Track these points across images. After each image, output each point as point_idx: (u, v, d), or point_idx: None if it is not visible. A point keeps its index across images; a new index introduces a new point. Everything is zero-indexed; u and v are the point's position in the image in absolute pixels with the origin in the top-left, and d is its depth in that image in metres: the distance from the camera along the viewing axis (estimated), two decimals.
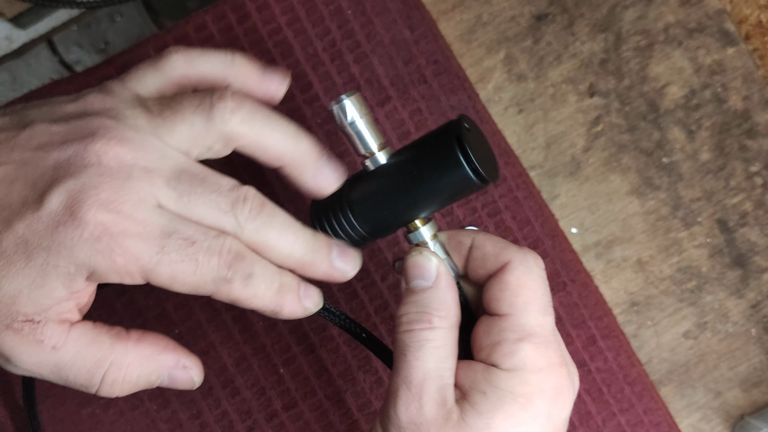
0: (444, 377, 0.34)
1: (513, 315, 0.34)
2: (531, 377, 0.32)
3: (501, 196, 0.55)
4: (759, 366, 0.57)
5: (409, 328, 0.35)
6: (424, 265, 0.36)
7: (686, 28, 0.58)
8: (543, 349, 0.33)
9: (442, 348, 0.34)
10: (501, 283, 0.35)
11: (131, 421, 0.54)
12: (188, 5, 0.61)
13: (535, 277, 0.35)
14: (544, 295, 0.34)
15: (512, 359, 0.33)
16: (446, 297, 0.35)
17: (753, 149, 0.58)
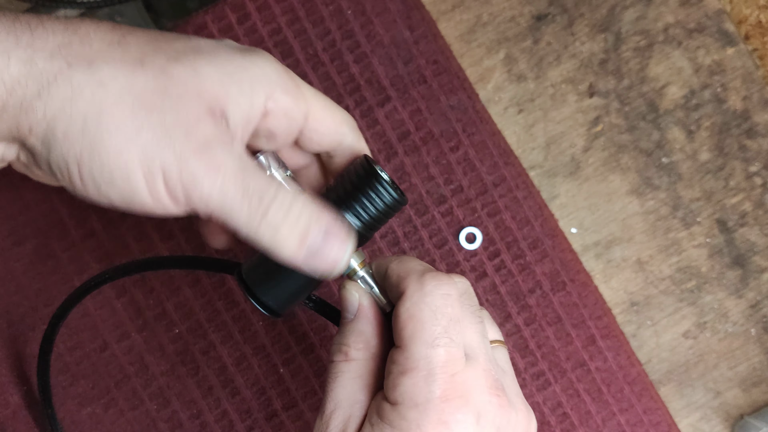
0: (353, 408, 0.34)
1: (400, 347, 0.33)
2: (408, 412, 0.32)
3: (501, 196, 0.55)
4: (759, 366, 0.58)
5: (330, 359, 0.35)
6: (347, 298, 0.36)
7: (686, 29, 0.58)
8: (423, 384, 0.32)
9: (356, 380, 0.34)
10: (395, 315, 0.34)
11: (131, 421, 0.54)
12: (188, 5, 0.61)
13: (426, 308, 0.33)
14: (434, 326, 0.32)
15: (394, 393, 0.32)
16: (365, 329, 0.35)
17: (753, 149, 0.58)
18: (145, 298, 0.54)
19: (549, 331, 0.55)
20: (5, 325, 0.54)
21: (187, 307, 0.54)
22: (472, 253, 0.55)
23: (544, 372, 0.55)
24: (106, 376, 0.54)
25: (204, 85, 0.30)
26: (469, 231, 0.55)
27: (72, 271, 0.54)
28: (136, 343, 0.54)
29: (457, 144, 0.55)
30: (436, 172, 0.55)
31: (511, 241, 0.55)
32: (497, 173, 0.55)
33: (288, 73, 0.34)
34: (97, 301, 0.54)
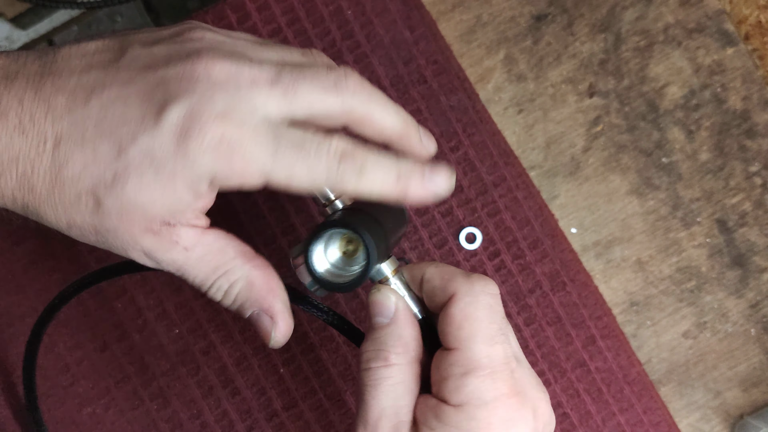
0: (400, 414, 0.34)
1: (459, 349, 0.33)
2: (477, 412, 0.32)
3: (501, 196, 0.55)
4: (758, 366, 0.58)
5: (366, 367, 0.35)
6: (383, 302, 0.36)
7: (686, 29, 0.58)
8: (489, 382, 0.33)
9: (399, 385, 0.34)
10: (447, 316, 0.34)
11: (132, 420, 0.54)
12: (189, 6, 0.61)
13: (481, 307, 0.34)
14: (492, 324, 0.34)
15: (458, 394, 0.33)
16: (404, 333, 0.35)
17: (752, 149, 0.58)
18: (146, 298, 0.54)
19: (549, 331, 0.55)
20: (5, 324, 0.54)
21: (188, 307, 0.54)
22: (472, 253, 0.55)
23: (544, 372, 0.55)
24: (107, 376, 0.54)
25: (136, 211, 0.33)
26: (469, 231, 0.55)
27: (72, 271, 0.54)
28: (136, 343, 0.54)
29: (457, 144, 0.55)
30: None
31: (511, 241, 0.55)
32: (497, 173, 0.55)
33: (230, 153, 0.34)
34: (98, 300, 0.54)
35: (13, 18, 0.62)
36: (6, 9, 0.61)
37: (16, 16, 0.62)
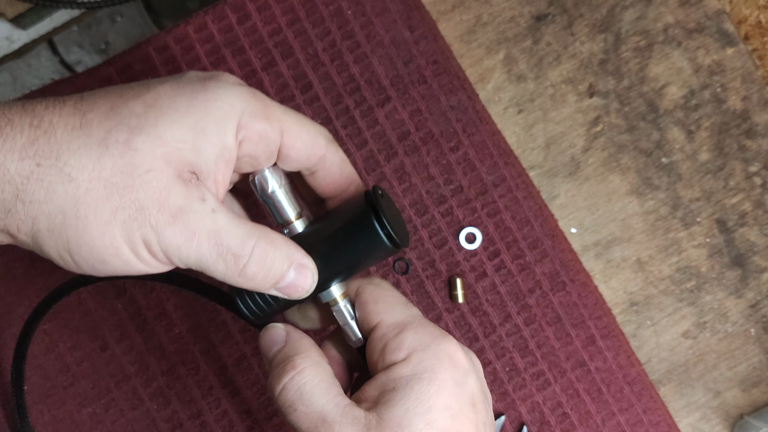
0: (340, 404, 0.34)
1: (383, 319, 0.37)
2: (424, 354, 0.35)
3: (501, 197, 0.55)
4: (758, 366, 0.58)
5: (280, 386, 0.35)
6: (273, 332, 0.37)
7: (685, 29, 0.58)
8: (422, 329, 0.36)
9: (320, 382, 0.35)
10: (361, 303, 0.38)
11: (132, 420, 0.54)
12: (189, 6, 0.61)
13: (385, 288, 0.38)
14: (400, 297, 0.38)
15: (401, 349, 0.35)
16: (302, 342, 0.37)
17: (752, 149, 0.58)
18: (145, 298, 0.54)
19: (549, 331, 0.55)
20: (6, 324, 0.54)
21: (187, 306, 0.54)
22: (472, 253, 0.55)
23: (543, 372, 0.55)
24: (107, 375, 0.54)
25: (169, 150, 0.31)
26: (469, 231, 0.55)
27: (72, 272, 0.54)
28: (136, 342, 0.54)
29: (457, 144, 0.55)
30: (436, 172, 0.55)
31: (511, 241, 0.55)
32: (497, 173, 0.55)
33: (254, 96, 0.35)
34: (98, 300, 0.54)
35: (14, 18, 0.62)
36: (7, 9, 0.61)
37: (16, 16, 0.62)
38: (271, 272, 0.34)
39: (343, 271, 0.37)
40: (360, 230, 0.36)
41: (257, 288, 0.34)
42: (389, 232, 0.36)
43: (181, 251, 0.32)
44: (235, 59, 0.54)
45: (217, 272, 0.33)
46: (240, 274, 0.33)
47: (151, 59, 0.54)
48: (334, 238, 0.37)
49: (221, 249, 0.33)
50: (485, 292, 0.55)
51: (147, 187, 0.31)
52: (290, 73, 0.55)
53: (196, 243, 0.32)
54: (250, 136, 0.34)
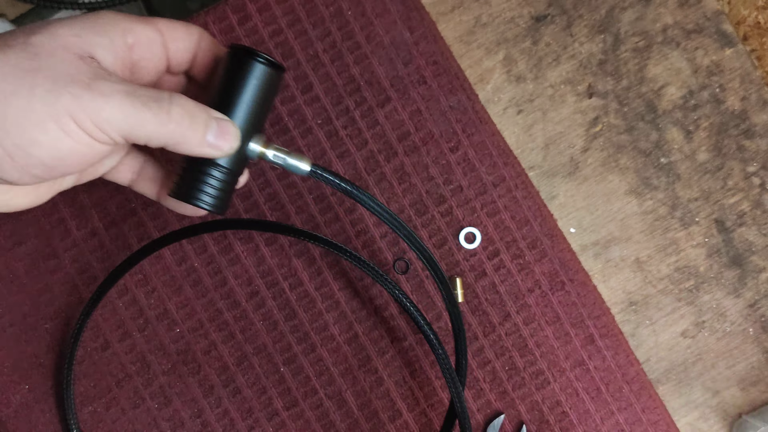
0: None
1: None
2: None
3: (500, 196, 0.55)
4: (756, 365, 0.58)
5: None
6: None
7: (684, 30, 0.58)
8: None
9: None
10: None
11: (132, 419, 0.54)
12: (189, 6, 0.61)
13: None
14: None
15: None
16: None
17: (751, 149, 0.58)
18: (147, 298, 0.54)
19: (548, 330, 0.55)
20: (7, 324, 0.54)
21: (189, 306, 0.55)
22: (472, 253, 0.55)
23: (543, 371, 0.55)
24: (108, 375, 0.54)
25: (65, 40, 0.35)
26: (469, 231, 0.55)
27: (74, 270, 0.54)
28: (137, 342, 0.54)
29: (456, 144, 0.55)
30: (436, 173, 0.55)
31: (510, 241, 0.55)
32: (496, 173, 0.55)
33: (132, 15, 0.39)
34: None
35: (15, 19, 0.63)
36: (8, 10, 0.61)
37: (18, 17, 0.62)
38: (195, 118, 0.37)
39: (253, 118, 0.40)
40: (241, 71, 0.39)
41: (189, 141, 0.37)
42: (265, 58, 0.39)
43: (104, 113, 0.34)
44: None
45: (147, 125, 0.35)
46: (169, 119, 0.35)
47: None
48: (226, 92, 0.40)
49: (142, 99, 0.35)
50: (484, 291, 0.55)
51: (54, 65, 0.33)
52: (290, 73, 0.55)
53: (117, 101, 0.34)
54: (139, 40, 0.38)
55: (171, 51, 0.40)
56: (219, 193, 0.41)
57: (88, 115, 0.33)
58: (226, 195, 0.41)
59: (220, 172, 0.40)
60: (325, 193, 0.55)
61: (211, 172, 0.40)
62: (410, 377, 0.55)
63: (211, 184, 0.40)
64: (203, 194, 0.40)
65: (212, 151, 0.38)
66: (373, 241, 0.55)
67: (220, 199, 0.41)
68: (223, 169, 0.40)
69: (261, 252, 0.55)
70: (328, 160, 0.55)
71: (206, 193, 0.40)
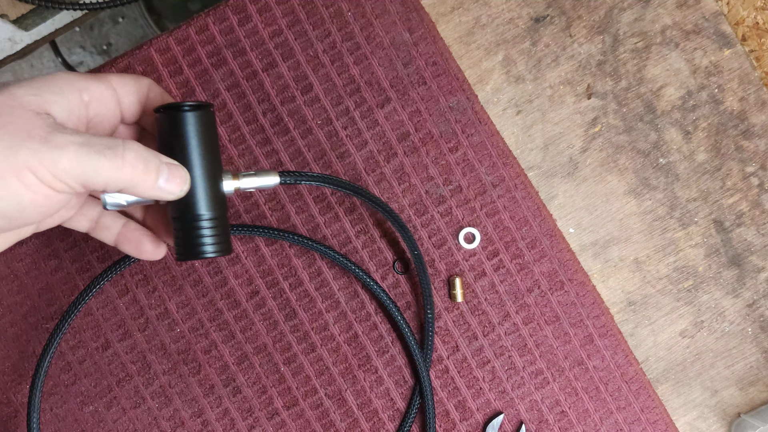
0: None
1: None
2: None
3: (499, 197, 0.55)
4: (755, 365, 0.58)
5: None
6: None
7: (683, 30, 0.58)
8: None
9: None
10: None
11: (133, 419, 0.54)
12: (190, 7, 0.61)
13: None
14: None
15: None
16: None
17: (749, 150, 0.58)
18: (147, 298, 0.55)
19: (547, 329, 0.55)
20: (8, 324, 0.54)
21: (189, 306, 0.55)
22: (471, 253, 0.55)
23: (542, 370, 0.55)
24: (108, 374, 0.54)
25: (22, 99, 0.37)
26: (468, 231, 0.55)
27: (74, 270, 0.55)
28: (138, 342, 0.55)
29: (456, 145, 0.55)
30: (436, 173, 0.55)
31: (509, 241, 0.55)
32: (496, 174, 0.55)
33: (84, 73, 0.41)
34: (99, 300, 0.55)
35: (16, 19, 0.63)
36: (9, 10, 0.62)
37: (19, 17, 0.62)
38: (148, 163, 0.38)
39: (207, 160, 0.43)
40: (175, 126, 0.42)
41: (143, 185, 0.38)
42: (189, 105, 0.42)
43: (61, 164, 0.35)
44: (236, 60, 0.55)
45: (103, 172, 0.37)
46: (123, 164, 0.37)
47: (153, 60, 0.54)
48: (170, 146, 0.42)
49: (97, 147, 0.37)
50: (484, 291, 0.55)
51: (12, 123, 0.35)
52: (291, 74, 0.55)
53: (73, 151, 0.36)
54: (93, 96, 0.40)
55: (124, 104, 0.43)
56: (216, 238, 0.43)
57: (46, 167, 0.35)
58: (223, 237, 0.44)
59: (208, 222, 0.43)
60: (325, 193, 0.55)
61: (200, 225, 0.43)
62: (410, 377, 0.55)
63: (206, 235, 0.43)
64: (203, 246, 0.43)
65: (164, 194, 0.40)
66: (373, 240, 0.55)
67: (220, 243, 0.43)
68: (208, 217, 0.43)
69: (261, 252, 0.55)
70: (329, 161, 0.55)
71: (205, 244, 0.43)
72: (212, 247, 0.43)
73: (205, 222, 0.43)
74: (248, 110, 0.55)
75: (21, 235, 0.43)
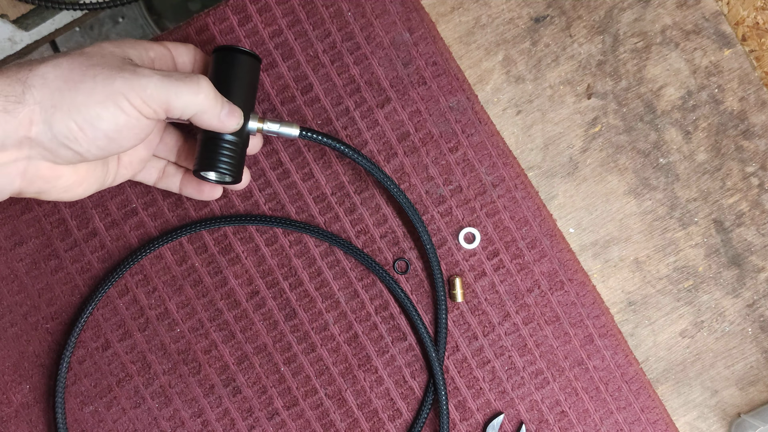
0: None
1: None
2: None
3: (500, 197, 0.55)
4: (755, 365, 0.58)
5: None
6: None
7: (683, 30, 0.58)
8: None
9: None
10: None
11: (133, 419, 0.54)
12: (190, 7, 0.61)
13: None
14: None
15: None
16: None
17: (749, 150, 0.58)
18: (147, 298, 0.55)
19: (547, 329, 0.55)
20: (8, 323, 0.54)
21: (189, 306, 0.55)
22: (471, 253, 0.55)
23: (542, 370, 0.55)
24: (108, 374, 0.54)
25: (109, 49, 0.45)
26: (468, 231, 0.55)
27: (74, 270, 0.55)
28: (138, 342, 0.55)
29: (456, 145, 0.55)
30: (436, 173, 0.55)
31: (509, 241, 0.55)
32: (496, 174, 0.55)
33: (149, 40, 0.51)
34: (101, 300, 0.55)
35: (16, 19, 0.63)
36: (9, 10, 0.62)
37: (19, 17, 0.62)
38: (216, 95, 0.45)
39: (246, 100, 0.48)
40: (226, 64, 0.48)
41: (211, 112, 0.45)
42: (242, 50, 0.48)
43: (148, 89, 0.42)
44: None
45: (182, 95, 0.44)
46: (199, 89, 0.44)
47: None
48: (220, 84, 0.48)
49: (176, 76, 0.44)
50: (484, 291, 0.55)
51: (106, 62, 0.43)
52: (291, 74, 0.55)
53: (157, 79, 0.43)
54: (156, 54, 0.48)
55: (178, 63, 0.50)
56: (232, 161, 0.48)
57: (137, 93, 0.42)
58: (238, 163, 0.49)
59: (230, 144, 0.48)
60: (325, 193, 0.55)
61: (223, 145, 0.48)
62: (410, 377, 0.55)
63: (225, 154, 0.48)
64: (221, 162, 0.48)
65: (223, 126, 0.47)
66: (373, 241, 0.55)
67: (235, 165, 0.48)
68: (232, 141, 0.48)
69: (261, 252, 0.55)
70: (328, 161, 0.55)
71: (222, 161, 0.48)
72: (227, 166, 0.48)
73: (227, 143, 0.48)
74: None
75: (107, 182, 0.49)
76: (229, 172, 0.48)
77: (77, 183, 0.46)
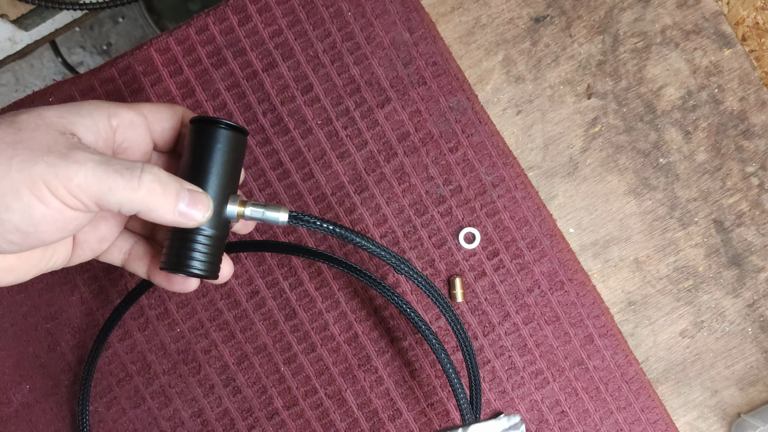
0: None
1: None
2: None
3: (500, 197, 0.55)
4: (755, 365, 0.58)
5: None
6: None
7: (683, 30, 0.59)
8: None
9: None
10: None
11: (133, 419, 0.54)
12: (190, 7, 0.61)
13: None
14: None
15: None
16: None
17: (749, 150, 0.58)
18: (147, 297, 0.55)
19: (547, 329, 0.55)
20: (8, 323, 0.54)
21: (189, 306, 0.55)
22: (471, 253, 0.55)
23: (542, 370, 0.55)
24: (108, 374, 0.54)
25: (49, 120, 0.37)
26: (468, 231, 0.55)
27: (75, 270, 0.55)
28: (138, 342, 0.55)
29: (456, 145, 0.55)
30: (436, 173, 0.55)
31: (509, 241, 0.55)
32: (496, 174, 0.55)
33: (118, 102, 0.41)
34: (100, 300, 0.55)
35: (16, 19, 0.63)
36: (9, 10, 0.62)
37: (19, 17, 0.63)
38: (166, 186, 0.38)
39: (224, 183, 0.42)
40: (206, 139, 0.41)
41: (161, 209, 0.38)
42: (226, 123, 0.41)
43: (76, 179, 0.35)
44: (236, 60, 0.55)
45: (118, 191, 0.36)
46: (139, 186, 0.37)
47: (153, 60, 0.55)
48: (195, 161, 0.41)
49: (114, 167, 0.36)
50: (484, 291, 0.55)
51: (35, 139, 0.36)
52: (291, 74, 0.55)
53: (89, 168, 0.35)
54: (122, 122, 0.40)
55: (156, 132, 0.43)
56: (206, 257, 0.42)
57: (60, 181, 0.35)
58: (214, 259, 0.42)
59: (204, 238, 0.41)
60: (325, 193, 0.55)
61: (195, 239, 0.41)
62: (410, 377, 0.55)
63: (198, 250, 0.41)
64: (192, 261, 0.41)
65: (185, 219, 0.39)
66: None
67: (209, 263, 0.42)
68: (206, 234, 0.41)
69: (261, 252, 0.55)
70: (329, 161, 0.55)
71: (194, 259, 0.41)
72: (199, 264, 0.41)
73: (201, 237, 0.41)
74: (248, 110, 0.55)
75: (49, 266, 0.42)
76: (201, 271, 0.41)
77: (6, 270, 0.40)
